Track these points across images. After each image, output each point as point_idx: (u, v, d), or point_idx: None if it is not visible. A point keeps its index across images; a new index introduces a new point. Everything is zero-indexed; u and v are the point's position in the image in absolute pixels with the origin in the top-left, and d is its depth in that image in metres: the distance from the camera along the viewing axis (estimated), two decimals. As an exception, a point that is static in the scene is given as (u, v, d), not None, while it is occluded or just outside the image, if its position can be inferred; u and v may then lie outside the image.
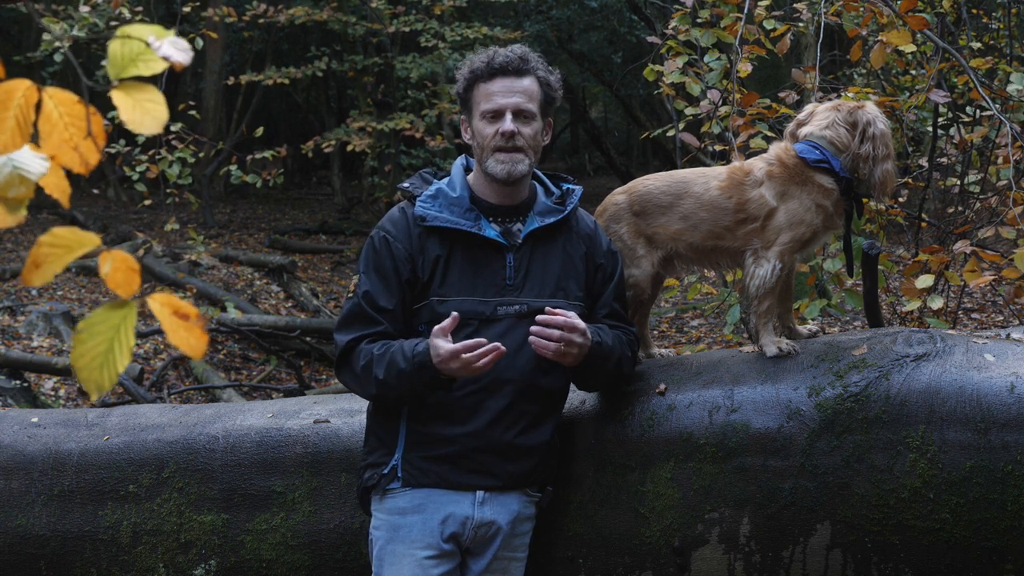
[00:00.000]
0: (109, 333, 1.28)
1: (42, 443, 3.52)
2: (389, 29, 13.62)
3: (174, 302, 1.28)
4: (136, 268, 1.27)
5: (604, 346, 2.87)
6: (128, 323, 1.28)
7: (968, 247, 3.77)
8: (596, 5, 16.51)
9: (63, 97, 1.27)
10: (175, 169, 7.30)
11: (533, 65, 2.89)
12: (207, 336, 1.29)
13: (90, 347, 1.27)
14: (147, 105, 1.27)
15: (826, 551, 2.80)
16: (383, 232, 2.91)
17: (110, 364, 1.28)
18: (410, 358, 2.74)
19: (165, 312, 1.28)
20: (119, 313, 1.28)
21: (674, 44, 4.99)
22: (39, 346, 10.20)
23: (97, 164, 1.29)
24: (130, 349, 1.29)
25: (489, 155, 2.87)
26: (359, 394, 2.92)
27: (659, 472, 2.94)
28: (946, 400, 2.76)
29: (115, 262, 1.27)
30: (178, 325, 1.28)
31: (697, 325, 11.01)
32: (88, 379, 1.28)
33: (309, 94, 22.47)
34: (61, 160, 1.28)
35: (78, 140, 1.26)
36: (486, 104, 2.86)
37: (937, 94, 4.44)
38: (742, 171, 3.14)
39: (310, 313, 12.32)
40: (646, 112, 19.21)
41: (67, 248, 1.27)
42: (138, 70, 1.28)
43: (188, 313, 1.28)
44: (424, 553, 2.81)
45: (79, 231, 1.28)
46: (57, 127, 1.27)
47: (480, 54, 2.91)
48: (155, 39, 1.27)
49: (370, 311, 2.84)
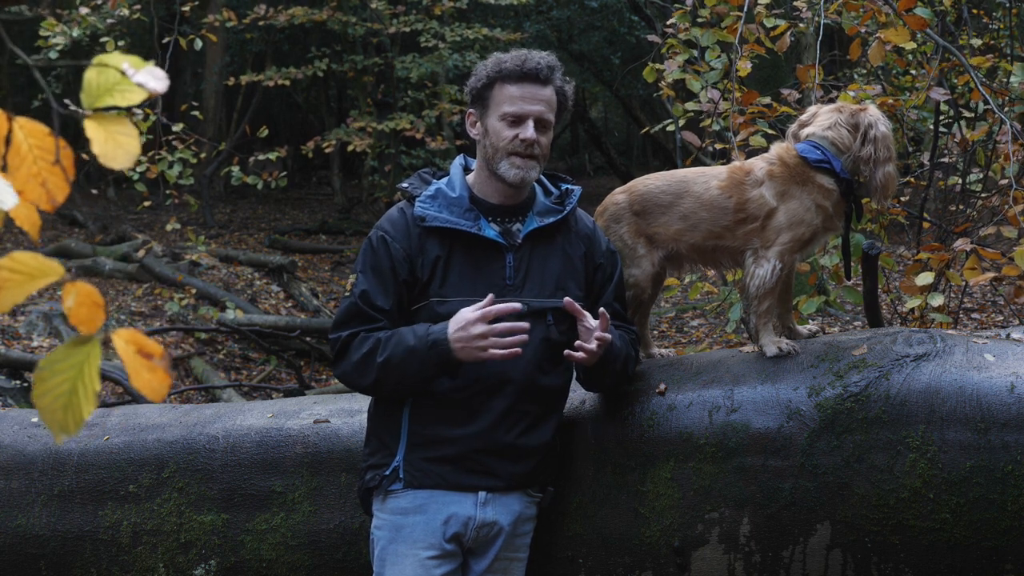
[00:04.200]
0: (72, 372, 1.22)
1: (42, 443, 3.52)
2: (389, 29, 13.61)
3: (139, 339, 1.22)
4: (101, 303, 1.21)
5: (615, 346, 2.89)
6: (92, 363, 1.22)
7: (969, 245, 3.77)
8: (596, 5, 16.50)
9: (33, 128, 1.23)
10: (175, 170, 7.30)
11: (557, 76, 2.90)
12: (170, 379, 1.23)
13: (52, 386, 1.21)
14: (119, 138, 1.24)
15: (826, 551, 2.80)
16: (381, 232, 2.91)
17: (74, 407, 1.22)
18: (423, 335, 2.74)
19: (130, 351, 1.22)
20: (83, 350, 1.22)
21: (675, 43, 4.99)
22: (39, 346, 10.20)
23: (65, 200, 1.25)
24: (95, 394, 1.22)
25: (504, 157, 2.86)
26: (354, 386, 2.90)
27: (659, 472, 2.94)
28: (946, 400, 2.76)
29: (79, 296, 1.21)
30: (142, 366, 1.22)
31: (697, 325, 11.01)
32: (52, 421, 1.22)
33: (309, 94, 22.46)
34: (28, 197, 1.23)
35: (46, 176, 1.22)
36: (510, 107, 2.85)
37: (937, 92, 4.44)
38: (742, 170, 3.14)
39: (310, 313, 12.32)
40: (646, 112, 19.19)
41: (28, 275, 1.21)
42: (113, 100, 1.25)
43: (153, 352, 1.22)
44: (426, 553, 2.81)
45: (42, 258, 1.22)
46: (26, 160, 1.22)
47: (509, 55, 2.90)
48: (131, 68, 1.24)
49: (367, 310, 2.83)
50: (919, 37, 4.76)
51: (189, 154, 7.42)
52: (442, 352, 2.72)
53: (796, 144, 3.14)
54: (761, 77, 12.73)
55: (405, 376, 2.77)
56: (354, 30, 14.41)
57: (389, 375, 2.77)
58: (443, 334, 2.72)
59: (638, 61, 13.48)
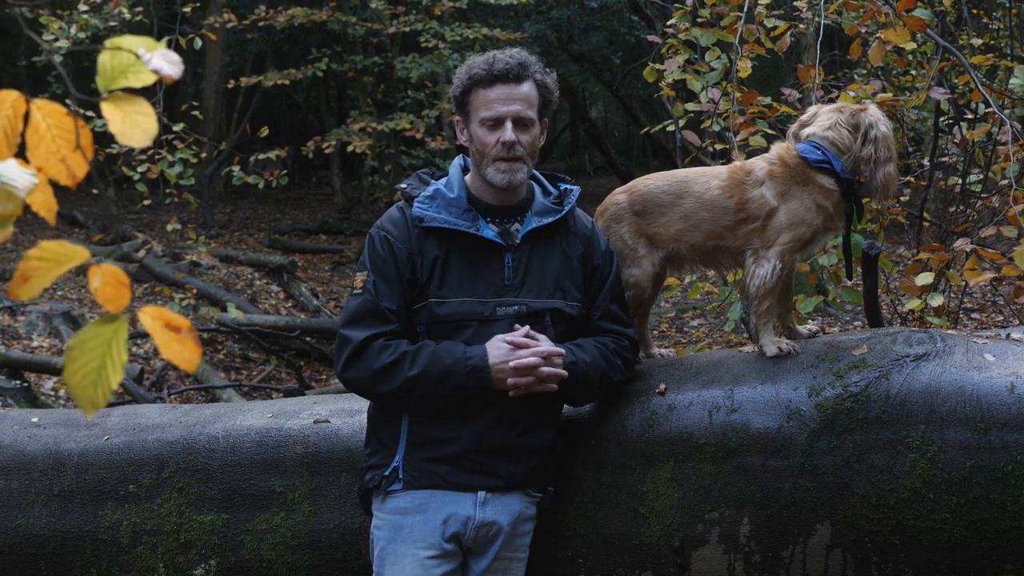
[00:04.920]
0: (101, 349, 1.26)
1: (42, 443, 3.52)
2: (389, 29, 13.62)
3: (166, 315, 1.26)
4: (126, 283, 1.26)
5: (580, 364, 2.87)
6: (119, 338, 1.26)
7: (969, 245, 3.77)
8: (596, 5, 16.50)
9: (51, 109, 1.26)
10: (176, 169, 7.29)
11: (532, 70, 2.88)
12: (200, 348, 1.28)
13: (82, 364, 1.26)
14: (137, 118, 1.26)
15: (826, 551, 2.80)
16: (384, 232, 2.90)
17: (103, 381, 1.26)
18: (461, 357, 2.77)
19: (157, 325, 1.26)
20: (110, 328, 1.26)
21: (675, 43, 4.99)
22: (39, 346, 10.20)
23: (84, 177, 1.28)
24: (123, 365, 1.27)
25: (489, 163, 2.86)
26: (364, 393, 2.89)
27: (659, 472, 2.94)
28: (946, 400, 2.76)
29: (105, 276, 1.25)
30: (170, 338, 1.26)
31: (697, 325, 11.01)
32: (83, 396, 1.26)
33: (309, 94, 22.46)
34: (49, 173, 1.26)
35: (66, 152, 1.25)
36: (486, 112, 2.85)
37: (937, 92, 4.44)
38: (743, 170, 3.14)
39: (310, 313, 12.32)
40: (646, 112, 19.20)
41: (56, 262, 1.25)
42: (128, 82, 1.26)
43: (180, 325, 1.26)
44: (426, 553, 2.81)
45: (68, 244, 1.26)
46: (45, 139, 1.25)
47: (479, 58, 2.90)
48: (145, 51, 1.26)
49: (381, 309, 2.83)
50: (919, 37, 4.76)
51: (190, 154, 7.42)
52: (482, 378, 2.76)
53: (796, 144, 3.14)
54: (761, 77, 12.73)
55: (436, 394, 2.79)
56: (354, 30, 14.42)
57: (417, 389, 2.78)
58: (484, 361, 2.76)
59: (638, 61, 13.47)
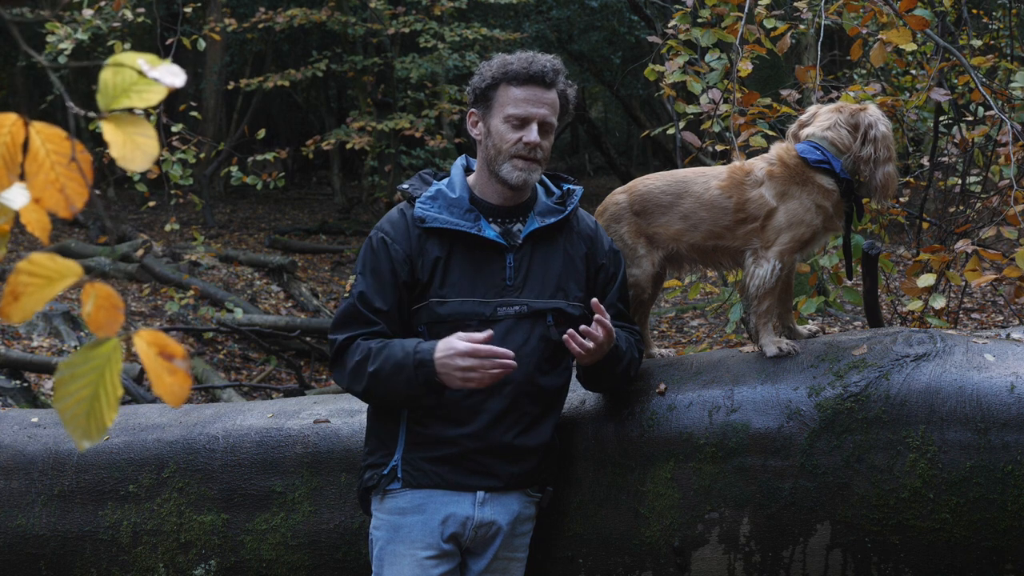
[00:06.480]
0: (93, 375, 1.16)
1: (42, 443, 3.52)
2: (389, 30, 13.61)
3: (161, 340, 1.16)
4: (120, 306, 1.15)
5: (619, 348, 2.90)
6: (113, 366, 1.16)
7: (969, 246, 3.77)
8: (596, 5, 16.49)
9: (51, 133, 1.18)
10: (177, 169, 7.30)
11: (561, 79, 2.90)
12: (191, 381, 1.18)
13: (73, 390, 1.16)
14: (138, 139, 1.19)
15: (826, 551, 2.80)
16: (381, 233, 2.91)
17: (96, 413, 1.16)
18: (411, 351, 2.73)
19: (151, 353, 1.16)
20: (103, 354, 1.16)
21: (675, 44, 4.99)
22: (39, 346, 10.20)
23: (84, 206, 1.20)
24: (117, 400, 1.17)
25: (506, 159, 2.86)
26: (349, 391, 2.89)
27: (659, 472, 2.94)
28: (946, 400, 2.76)
29: (98, 299, 1.15)
30: (163, 369, 1.16)
31: (697, 325, 11.01)
32: (74, 427, 1.16)
33: (309, 94, 22.46)
34: (46, 204, 1.18)
35: (64, 181, 1.17)
36: (514, 109, 2.84)
37: (937, 92, 4.44)
38: (742, 171, 3.14)
39: (310, 313, 12.32)
40: (646, 112, 19.20)
41: (47, 279, 1.16)
42: (131, 102, 1.20)
43: (174, 353, 1.16)
44: (424, 553, 2.81)
45: (59, 259, 1.17)
46: (44, 167, 1.17)
47: (513, 56, 2.89)
48: (148, 66, 1.19)
49: (366, 312, 2.83)
50: (919, 37, 4.76)
51: (190, 154, 7.42)
52: (428, 373, 2.71)
53: (796, 144, 3.14)
54: (761, 78, 12.74)
55: (392, 390, 2.76)
56: (354, 30, 14.41)
57: (378, 386, 2.77)
58: (429, 355, 2.70)
59: (638, 61, 13.48)
